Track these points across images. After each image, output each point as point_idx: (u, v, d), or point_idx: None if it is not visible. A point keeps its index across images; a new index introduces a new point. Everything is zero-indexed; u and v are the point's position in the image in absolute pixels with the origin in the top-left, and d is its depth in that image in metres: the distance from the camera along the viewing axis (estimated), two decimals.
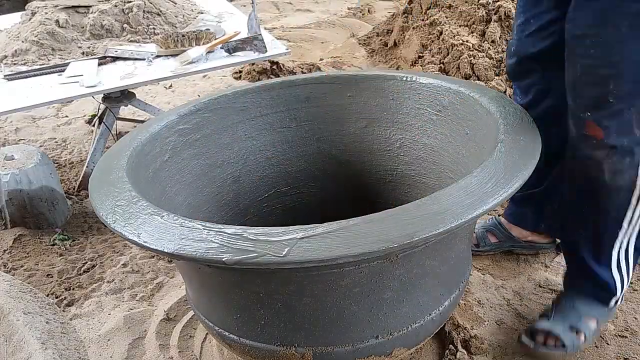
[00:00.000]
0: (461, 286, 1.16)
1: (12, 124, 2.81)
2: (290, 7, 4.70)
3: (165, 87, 3.18)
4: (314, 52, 3.62)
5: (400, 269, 0.97)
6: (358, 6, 4.42)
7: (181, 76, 2.08)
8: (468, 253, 1.20)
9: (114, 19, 2.38)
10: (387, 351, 1.06)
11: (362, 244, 0.82)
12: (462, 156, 1.29)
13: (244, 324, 1.05)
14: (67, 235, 1.91)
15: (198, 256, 0.85)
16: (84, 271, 1.74)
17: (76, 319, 1.55)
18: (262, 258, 0.82)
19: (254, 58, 2.15)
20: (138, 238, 0.90)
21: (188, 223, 0.92)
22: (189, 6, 2.67)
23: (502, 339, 1.39)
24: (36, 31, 2.25)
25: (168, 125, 1.32)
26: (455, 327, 1.39)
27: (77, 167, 2.37)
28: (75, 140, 2.64)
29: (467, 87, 1.31)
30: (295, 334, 1.02)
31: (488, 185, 0.92)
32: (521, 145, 1.04)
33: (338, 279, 0.94)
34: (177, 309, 1.54)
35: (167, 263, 1.74)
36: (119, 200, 1.01)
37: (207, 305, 1.14)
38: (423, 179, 1.42)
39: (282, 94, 1.49)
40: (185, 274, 1.17)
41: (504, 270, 1.64)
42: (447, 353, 1.33)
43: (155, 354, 1.40)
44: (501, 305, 1.50)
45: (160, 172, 1.27)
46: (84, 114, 2.87)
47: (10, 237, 1.88)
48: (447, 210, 0.87)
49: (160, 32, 2.33)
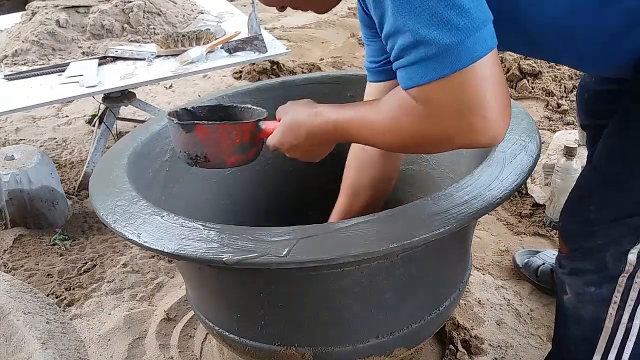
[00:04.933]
0: (461, 286, 1.16)
1: (12, 124, 2.81)
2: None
3: (165, 87, 3.17)
4: (314, 52, 3.62)
5: (400, 269, 0.97)
6: None
7: (181, 76, 2.08)
8: (468, 253, 1.20)
9: (114, 19, 2.38)
10: (388, 351, 1.06)
11: (362, 244, 0.82)
12: (462, 156, 1.29)
13: (244, 324, 1.05)
14: (67, 235, 1.91)
15: (198, 256, 0.85)
16: (84, 271, 1.74)
17: (76, 319, 1.55)
18: (262, 258, 0.82)
19: (254, 58, 2.15)
20: (138, 238, 0.90)
21: (188, 223, 0.92)
22: (189, 6, 2.67)
23: (502, 339, 1.39)
24: (36, 31, 2.25)
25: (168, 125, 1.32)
26: (455, 327, 1.39)
27: (78, 167, 2.37)
28: (75, 140, 2.64)
29: None
30: (296, 333, 1.02)
31: (488, 185, 0.93)
32: (521, 145, 1.04)
33: (338, 279, 0.94)
34: (177, 309, 1.54)
35: (167, 263, 1.74)
36: (119, 200, 1.01)
37: (207, 305, 1.14)
38: (423, 179, 1.42)
39: (282, 94, 1.49)
40: (185, 274, 1.17)
41: (504, 270, 1.64)
42: (447, 353, 1.33)
43: (156, 354, 1.40)
44: (501, 305, 1.50)
45: (161, 172, 1.27)
46: (84, 114, 2.86)
47: (10, 237, 1.88)
48: (447, 210, 0.87)
49: (161, 32, 2.33)
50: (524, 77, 2.80)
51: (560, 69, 2.82)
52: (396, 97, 0.77)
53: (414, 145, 0.82)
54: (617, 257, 0.90)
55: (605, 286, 0.92)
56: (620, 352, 0.95)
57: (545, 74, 2.79)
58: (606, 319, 0.94)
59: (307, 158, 0.96)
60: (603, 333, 0.95)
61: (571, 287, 0.98)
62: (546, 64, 2.86)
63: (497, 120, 0.71)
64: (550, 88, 2.70)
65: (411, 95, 0.74)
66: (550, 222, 1.79)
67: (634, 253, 0.88)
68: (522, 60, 2.84)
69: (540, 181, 1.92)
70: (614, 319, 0.93)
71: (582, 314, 0.97)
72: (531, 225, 1.82)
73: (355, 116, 0.85)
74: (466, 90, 0.69)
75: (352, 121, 0.85)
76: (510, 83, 2.83)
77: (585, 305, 0.96)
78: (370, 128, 0.83)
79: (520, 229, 1.82)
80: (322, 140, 0.91)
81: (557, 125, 2.43)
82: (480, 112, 0.70)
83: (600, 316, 0.94)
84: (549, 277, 1.51)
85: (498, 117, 0.71)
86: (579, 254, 0.95)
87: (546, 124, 2.46)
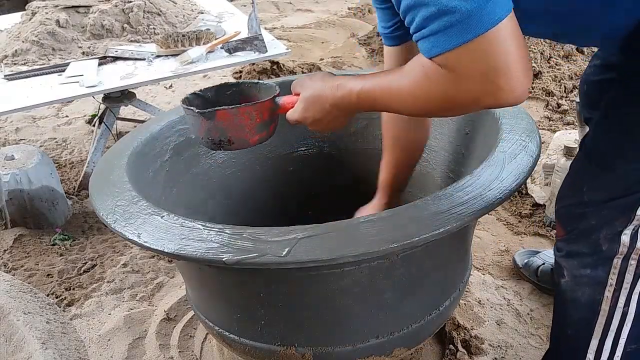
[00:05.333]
0: (461, 286, 1.16)
1: (12, 124, 2.81)
2: (290, 7, 4.70)
3: (165, 87, 3.17)
4: (314, 52, 3.62)
5: (400, 269, 0.97)
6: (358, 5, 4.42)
7: (181, 76, 2.08)
8: (468, 253, 1.20)
9: (114, 18, 2.38)
10: (388, 351, 1.06)
11: (362, 244, 0.82)
12: (462, 156, 1.29)
13: (244, 324, 1.05)
14: (68, 235, 1.91)
15: (198, 256, 0.85)
16: (84, 271, 1.74)
17: (76, 319, 1.55)
18: (262, 258, 0.82)
19: (254, 58, 2.15)
20: (138, 238, 0.90)
21: (188, 223, 0.92)
22: (189, 6, 2.67)
23: (502, 339, 1.39)
24: (36, 31, 2.25)
25: (168, 125, 1.32)
26: (455, 327, 1.39)
27: (78, 167, 2.37)
28: (75, 140, 2.64)
29: None
30: (296, 333, 1.02)
31: (488, 185, 0.93)
32: (521, 145, 1.04)
33: (338, 279, 0.94)
34: (177, 309, 1.54)
35: (167, 263, 1.74)
36: (119, 200, 1.01)
37: (207, 305, 1.14)
38: (423, 179, 1.42)
39: (282, 94, 1.49)
40: (185, 274, 1.17)
41: (504, 270, 1.64)
42: (447, 353, 1.33)
43: (156, 354, 1.40)
44: (501, 305, 1.50)
45: (161, 172, 1.27)
46: (84, 114, 2.86)
47: (10, 237, 1.88)
48: (447, 210, 0.87)
49: (161, 32, 2.33)
50: None
51: (560, 69, 2.82)
52: (420, 65, 0.79)
53: (443, 110, 0.85)
54: (611, 239, 0.90)
55: (600, 268, 0.93)
56: (617, 336, 0.95)
57: (545, 74, 2.79)
58: (602, 302, 0.94)
59: (329, 129, 0.99)
60: (600, 317, 0.95)
61: (568, 270, 0.99)
62: (546, 64, 2.86)
63: (520, 78, 0.73)
64: (550, 88, 2.70)
65: (436, 62, 0.76)
66: (550, 222, 1.79)
67: (626, 234, 0.89)
68: None
69: (540, 181, 1.92)
70: (610, 302, 0.93)
71: (579, 296, 0.97)
72: (531, 225, 1.82)
73: (379, 85, 0.87)
74: (490, 52, 0.71)
75: (377, 90, 0.87)
76: None
77: (582, 287, 0.97)
78: (397, 95, 0.84)
79: (520, 229, 1.82)
80: (346, 112, 0.94)
81: (557, 125, 2.43)
82: (504, 72, 0.72)
83: (597, 298, 0.94)
84: (549, 277, 1.51)
85: (521, 75, 0.73)
86: (574, 235, 0.97)
87: (546, 124, 2.46)
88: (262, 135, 1.00)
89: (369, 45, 3.67)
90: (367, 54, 3.56)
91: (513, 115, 1.14)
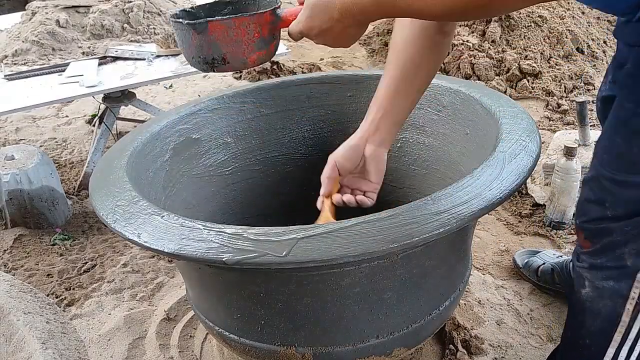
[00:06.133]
0: (461, 286, 1.16)
1: (12, 124, 2.81)
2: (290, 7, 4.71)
3: (165, 87, 3.17)
4: (314, 52, 3.62)
5: (401, 269, 0.97)
6: None
7: (181, 76, 2.09)
8: (468, 253, 1.20)
9: (114, 18, 2.38)
10: (388, 351, 1.06)
11: (362, 244, 0.82)
12: (462, 156, 1.29)
13: (244, 324, 1.05)
14: (68, 235, 1.91)
15: (198, 256, 0.85)
16: (84, 271, 1.74)
17: (76, 319, 1.55)
18: (262, 258, 0.82)
19: None
20: (138, 238, 0.90)
21: (188, 223, 0.92)
22: (189, 6, 2.67)
23: (502, 339, 1.39)
24: (36, 31, 2.25)
25: (168, 125, 1.32)
26: (455, 327, 1.39)
27: (78, 167, 2.37)
28: (75, 140, 2.64)
29: (467, 87, 1.31)
30: (296, 333, 1.02)
31: (488, 185, 0.93)
32: (521, 145, 1.04)
33: (338, 279, 0.94)
34: (177, 309, 1.54)
35: (167, 263, 1.74)
36: (119, 200, 1.01)
37: (207, 305, 1.14)
38: (423, 179, 1.42)
39: (282, 94, 1.49)
40: (185, 273, 1.17)
41: (504, 270, 1.64)
42: (447, 353, 1.33)
43: (156, 354, 1.40)
44: (501, 305, 1.50)
45: (161, 172, 1.27)
46: (84, 114, 2.86)
47: (10, 237, 1.88)
48: (447, 210, 0.87)
49: (161, 32, 2.33)
50: (524, 77, 2.81)
51: (560, 69, 2.83)
52: None
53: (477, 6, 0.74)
54: (635, 253, 0.89)
55: (624, 282, 0.92)
56: (634, 345, 0.95)
57: (545, 74, 2.79)
58: (623, 314, 0.93)
59: (338, 43, 0.88)
60: (619, 327, 0.94)
61: (590, 281, 0.98)
62: (546, 64, 2.86)
63: None
64: (550, 88, 2.70)
65: None
66: (550, 222, 1.79)
67: None
68: (522, 60, 2.84)
69: (540, 181, 1.92)
70: (631, 314, 0.93)
71: (599, 307, 0.96)
72: (531, 225, 1.82)
73: None
74: None
75: None
76: (510, 83, 2.83)
77: (603, 299, 0.96)
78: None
79: (520, 229, 1.82)
80: (357, 20, 0.83)
81: (557, 125, 2.43)
82: None
83: (618, 311, 0.93)
84: (549, 277, 1.51)
85: None
86: (599, 248, 0.95)
87: (546, 124, 2.46)
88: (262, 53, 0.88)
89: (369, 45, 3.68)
90: (367, 54, 3.56)
91: (513, 116, 1.14)
